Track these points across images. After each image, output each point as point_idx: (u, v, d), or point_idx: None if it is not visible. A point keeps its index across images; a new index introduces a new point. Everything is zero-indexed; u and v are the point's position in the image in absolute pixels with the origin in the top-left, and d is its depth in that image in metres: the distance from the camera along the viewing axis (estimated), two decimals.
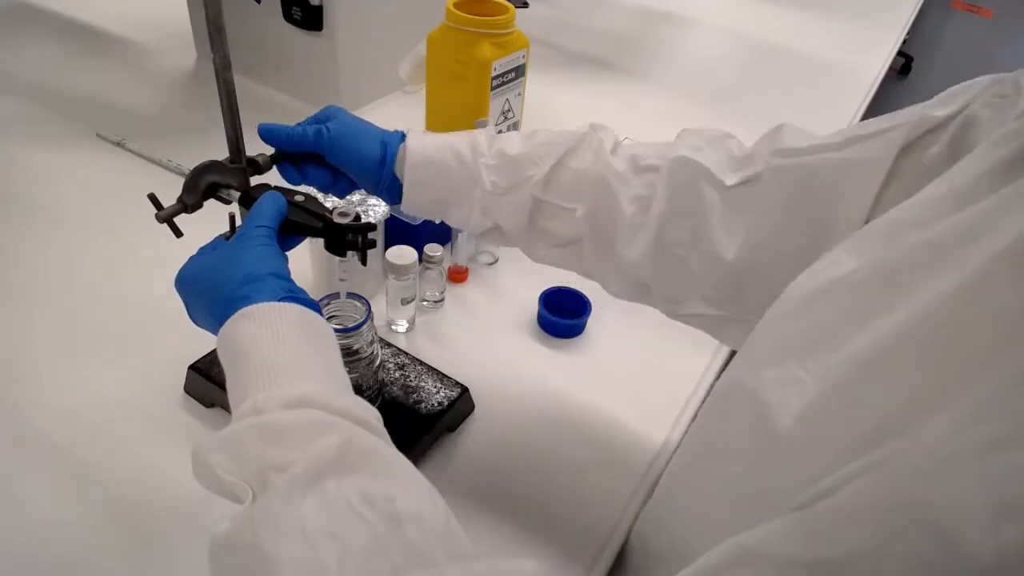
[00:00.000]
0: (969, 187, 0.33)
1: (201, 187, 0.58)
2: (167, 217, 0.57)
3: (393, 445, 0.42)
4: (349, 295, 0.66)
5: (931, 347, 0.28)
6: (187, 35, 1.36)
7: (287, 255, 0.53)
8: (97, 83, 1.27)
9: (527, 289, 0.89)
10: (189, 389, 0.73)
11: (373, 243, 0.57)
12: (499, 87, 1.02)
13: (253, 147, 0.60)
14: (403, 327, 0.84)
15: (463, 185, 0.60)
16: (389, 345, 0.77)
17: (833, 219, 0.49)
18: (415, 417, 0.69)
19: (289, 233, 0.56)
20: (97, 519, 0.63)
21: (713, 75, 1.54)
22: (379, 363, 0.68)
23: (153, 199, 0.56)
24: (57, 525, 0.62)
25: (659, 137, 0.61)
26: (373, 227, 0.57)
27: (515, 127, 1.11)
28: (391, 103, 1.29)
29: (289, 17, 1.17)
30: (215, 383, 0.70)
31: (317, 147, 0.60)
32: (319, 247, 0.59)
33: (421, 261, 0.82)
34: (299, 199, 0.57)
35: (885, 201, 0.46)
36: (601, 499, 0.68)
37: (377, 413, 0.43)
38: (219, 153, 0.59)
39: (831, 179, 0.49)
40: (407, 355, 0.76)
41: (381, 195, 0.62)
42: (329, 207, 0.57)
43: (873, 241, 0.37)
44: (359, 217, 0.57)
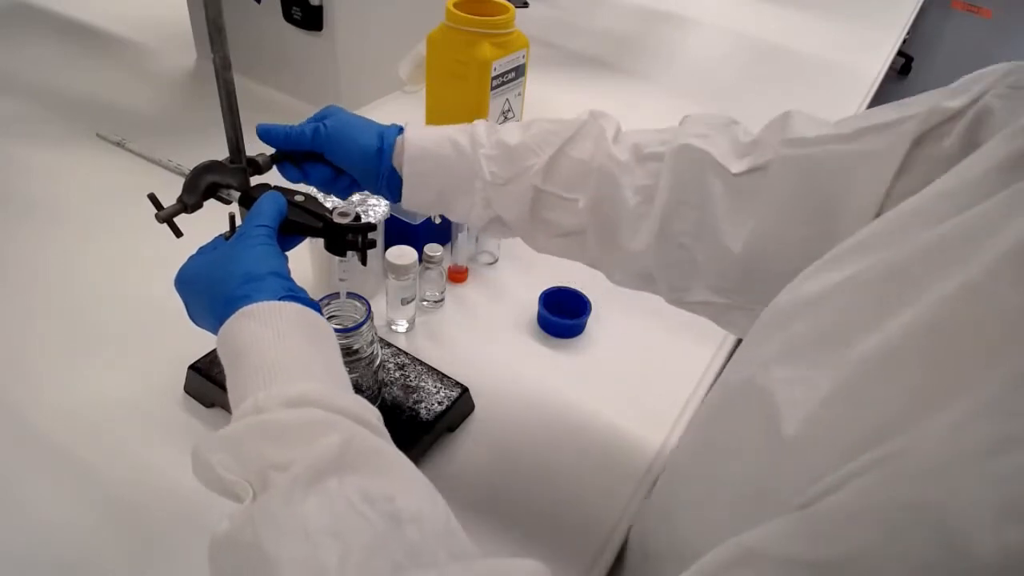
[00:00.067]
0: (979, 183, 0.33)
1: (201, 187, 0.57)
2: (167, 217, 0.57)
3: (394, 444, 0.42)
4: (349, 295, 0.66)
5: (937, 347, 0.28)
6: (187, 35, 1.36)
7: (287, 255, 0.53)
8: (97, 83, 1.27)
9: (527, 289, 0.88)
10: (189, 389, 0.73)
11: (373, 243, 0.57)
12: (499, 87, 1.02)
13: (253, 147, 0.60)
14: (403, 327, 0.84)
15: (463, 176, 0.60)
16: (389, 345, 0.77)
17: (843, 210, 0.48)
18: (415, 417, 0.69)
19: (289, 233, 0.56)
20: (97, 519, 0.63)
21: (713, 75, 1.54)
22: (379, 363, 0.68)
23: (153, 199, 0.56)
24: (57, 525, 0.62)
25: None
26: (373, 227, 0.57)
27: None
28: (391, 103, 1.29)
29: (289, 17, 1.17)
30: (215, 383, 0.70)
31: (315, 144, 0.60)
32: (319, 247, 0.59)
33: (421, 261, 0.82)
34: (299, 199, 0.57)
35: (897, 192, 0.45)
36: (601, 499, 0.68)
37: (377, 412, 0.43)
38: (219, 153, 0.59)
39: (842, 170, 0.48)
40: (407, 355, 0.76)
41: (381, 191, 0.62)
42: (329, 207, 0.57)
43: (881, 239, 0.37)
44: (359, 217, 0.56)
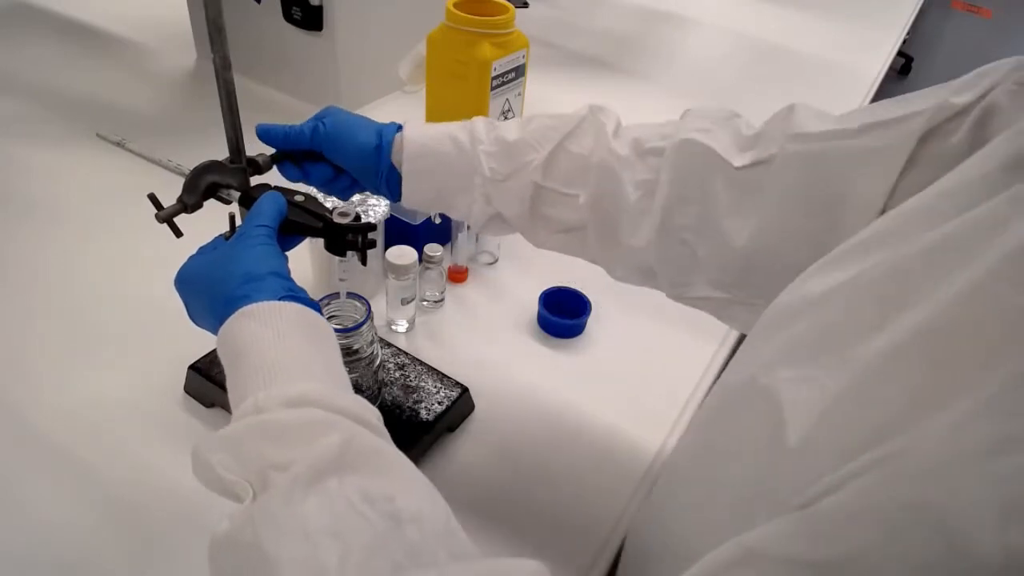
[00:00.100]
0: (981, 183, 0.33)
1: (201, 187, 0.57)
2: (167, 217, 0.57)
3: (394, 444, 0.42)
4: (349, 295, 0.66)
5: (938, 347, 0.28)
6: (187, 35, 1.36)
7: (287, 255, 0.53)
8: (97, 83, 1.27)
9: (527, 289, 0.88)
10: (189, 389, 0.73)
11: (373, 243, 0.57)
12: (499, 87, 1.02)
13: (253, 147, 0.60)
14: (403, 327, 0.84)
15: (463, 173, 0.59)
16: (389, 345, 0.77)
17: (847, 206, 0.48)
18: (415, 417, 0.69)
19: (289, 233, 0.56)
20: (97, 519, 0.63)
21: (713, 75, 1.54)
22: (379, 363, 0.68)
23: (153, 199, 0.56)
24: (57, 525, 0.62)
25: None
26: (373, 227, 0.57)
27: None
28: (391, 103, 1.29)
29: (289, 17, 1.17)
30: (215, 383, 0.70)
31: (314, 143, 0.60)
32: (319, 247, 0.59)
33: (421, 261, 0.82)
34: (299, 199, 0.57)
35: (903, 189, 0.45)
36: (601, 499, 0.68)
37: (377, 412, 0.43)
38: (219, 153, 0.59)
39: (847, 166, 0.48)
40: (407, 355, 0.76)
41: (381, 189, 0.62)
42: (329, 207, 0.57)
43: (883, 238, 0.36)
44: (359, 217, 0.56)
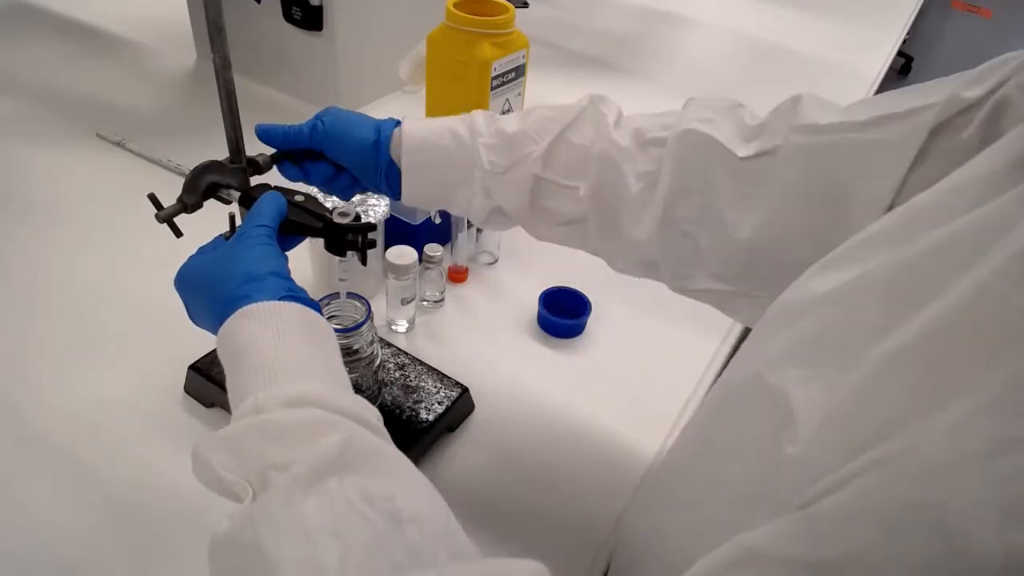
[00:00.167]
0: (989, 180, 0.32)
1: (201, 187, 0.57)
2: (167, 217, 0.57)
3: (394, 444, 0.42)
4: (349, 295, 0.66)
5: (940, 347, 0.28)
6: (187, 35, 1.37)
7: (287, 255, 0.53)
8: (97, 83, 1.27)
9: (527, 289, 0.88)
10: (189, 389, 0.73)
11: (373, 243, 0.57)
12: (499, 87, 1.02)
13: (253, 147, 0.60)
14: (403, 327, 0.84)
15: (463, 167, 0.59)
16: (389, 345, 0.77)
17: (854, 199, 0.47)
18: (415, 417, 0.69)
19: (289, 233, 0.56)
20: (97, 519, 0.63)
21: (713, 75, 1.54)
22: (379, 363, 0.68)
23: (153, 199, 0.56)
24: (57, 525, 0.62)
25: None
26: (373, 227, 0.57)
27: None
28: (391, 103, 1.29)
29: (289, 17, 1.17)
30: (215, 383, 0.70)
31: (313, 142, 0.60)
32: (319, 247, 0.59)
33: (421, 261, 0.82)
34: (299, 199, 0.56)
35: (913, 183, 0.44)
36: (601, 499, 0.68)
37: (377, 412, 0.43)
38: (219, 153, 0.59)
39: (854, 159, 0.47)
40: (407, 355, 0.76)
41: (381, 187, 0.62)
42: (329, 207, 0.57)
43: (890, 235, 0.36)
44: (359, 217, 0.56)
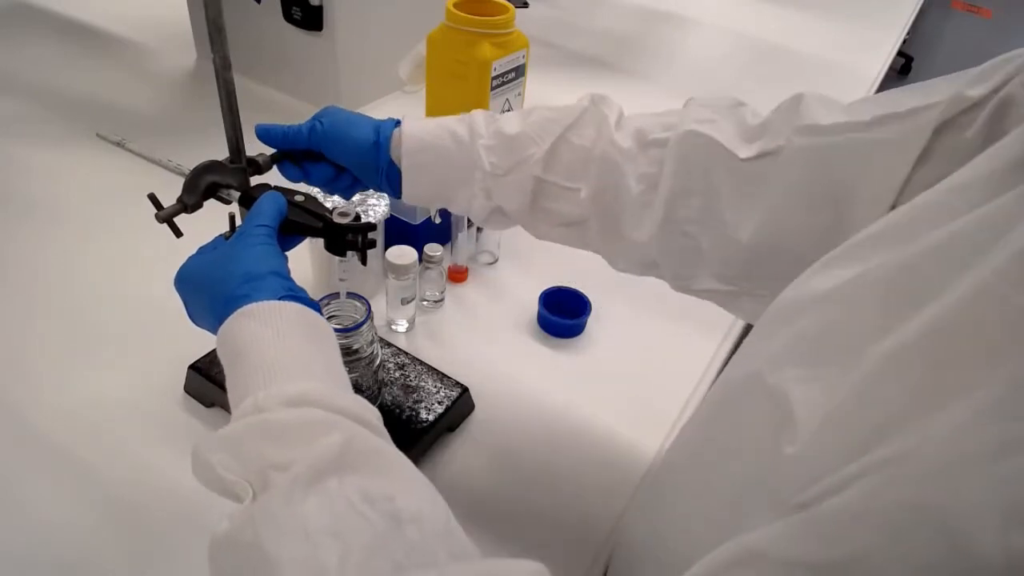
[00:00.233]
0: (990, 180, 0.32)
1: (201, 187, 0.57)
2: (167, 217, 0.57)
3: (394, 444, 0.42)
4: (349, 295, 0.66)
5: (941, 347, 0.27)
6: (187, 35, 1.37)
7: (287, 255, 0.53)
8: (97, 83, 1.27)
9: (527, 289, 0.88)
10: (189, 389, 0.73)
11: (373, 243, 0.57)
12: (499, 87, 1.02)
13: (253, 147, 0.60)
14: (403, 327, 0.84)
15: (463, 167, 0.59)
16: (389, 345, 0.77)
17: (856, 198, 0.47)
18: (415, 417, 0.69)
19: (289, 233, 0.56)
20: (97, 519, 0.63)
21: (713, 75, 1.54)
22: (379, 363, 0.68)
23: (153, 199, 0.56)
24: (57, 525, 0.62)
25: None
26: (373, 227, 0.57)
27: None
28: (391, 103, 1.29)
29: (289, 17, 1.17)
30: (215, 383, 0.70)
31: (312, 142, 0.60)
32: (319, 247, 0.59)
33: (421, 261, 0.82)
34: (299, 199, 0.56)
35: (916, 182, 0.44)
36: (601, 499, 0.68)
37: (377, 412, 0.43)
38: (219, 153, 0.59)
39: (858, 160, 0.47)
40: (407, 355, 0.76)
41: (382, 186, 0.62)
42: (329, 207, 0.57)
43: (892, 234, 0.36)
44: (359, 217, 0.56)
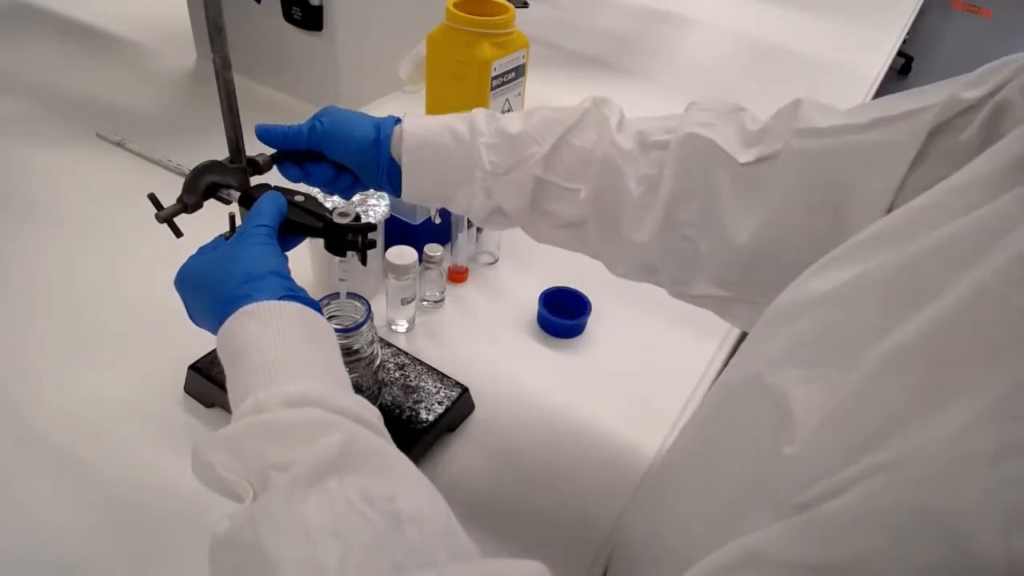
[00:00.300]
0: (988, 182, 0.32)
1: (201, 187, 0.57)
2: (167, 217, 0.57)
3: (394, 444, 0.42)
4: (349, 295, 0.66)
5: (942, 348, 0.27)
6: (187, 35, 1.37)
7: (287, 255, 0.53)
8: (97, 83, 1.27)
9: (527, 289, 0.88)
10: (189, 389, 0.73)
11: (373, 243, 0.57)
12: (499, 87, 1.02)
13: (253, 147, 0.60)
14: (403, 327, 0.84)
15: (463, 166, 0.59)
16: (389, 345, 0.77)
17: (854, 201, 0.47)
18: (415, 417, 0.69)
19: (289, 233, 0.56)
20: (97, 519, 0.63)
21: (713, 75, 1.54)
22: (379, 363, 0.68)
23: (153, 199, 0.56)
24: (57, 525, 0.62)
25: None
26: (373, 227, 0.57)
27: None
28: (391, 103, 1.29)
29: (289, 17, 1.17)
30: (215, 383, 0.70)
31: (312, 141, 0.60)
32: (319, 247, 0.59)
33: (421, 261, 0.82)
34: (299, 199, 0.56)
35: (912, 184, 0.44)
36: (601, 499, 0.68)
37: (378, 412, 0.43)
38: (219, 153, 0.59)
39: (855, 162, 0.47)
40: (407, 355, 0.76)
41: (382, 184, 0.61)
42: (329, 207, 0.57)
43: (890, 236, 0.36)
44: (359, 217, 0.56)
